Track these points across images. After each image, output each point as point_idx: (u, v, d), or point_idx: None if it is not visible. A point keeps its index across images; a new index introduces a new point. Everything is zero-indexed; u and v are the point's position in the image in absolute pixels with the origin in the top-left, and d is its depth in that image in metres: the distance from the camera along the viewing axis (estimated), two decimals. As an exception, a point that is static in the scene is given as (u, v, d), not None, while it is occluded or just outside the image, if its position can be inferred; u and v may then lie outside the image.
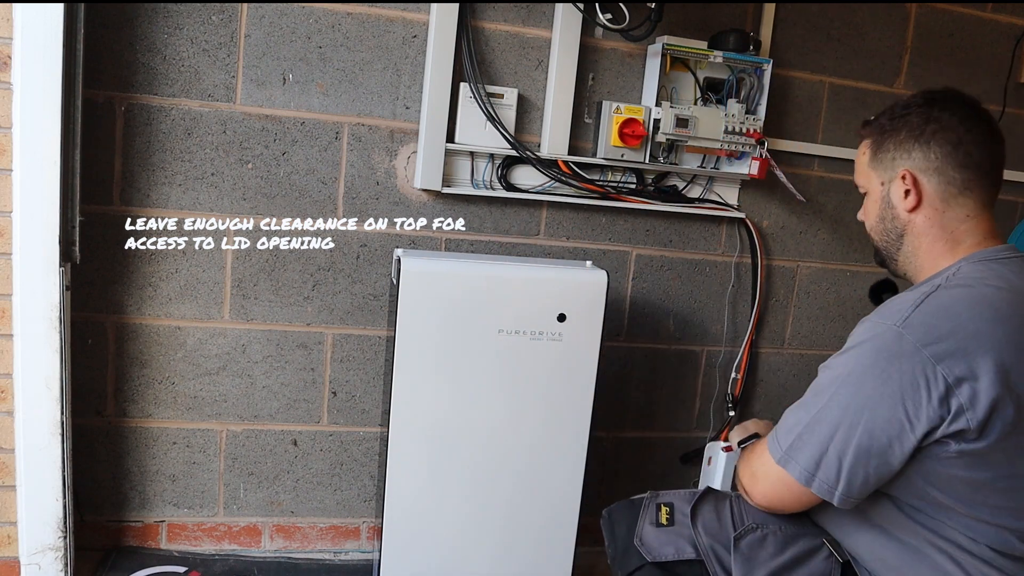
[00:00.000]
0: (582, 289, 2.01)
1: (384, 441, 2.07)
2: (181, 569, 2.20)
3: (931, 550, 1.36)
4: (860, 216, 1.56)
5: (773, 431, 1.42)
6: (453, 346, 1.96)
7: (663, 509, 1.58)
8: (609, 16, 2.17)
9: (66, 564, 2.03)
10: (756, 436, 1.69)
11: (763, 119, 2.33)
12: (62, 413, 1.96)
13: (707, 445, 1.99)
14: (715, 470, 1.88)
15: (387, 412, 2.01)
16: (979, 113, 1.42)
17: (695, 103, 2.31)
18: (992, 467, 1.28)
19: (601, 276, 2.02)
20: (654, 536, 1.55)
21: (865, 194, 1.52)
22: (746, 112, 2.31)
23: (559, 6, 2.24)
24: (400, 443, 1.99)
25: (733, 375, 2.60)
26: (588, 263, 2.13)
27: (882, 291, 1.52)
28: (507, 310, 1.97)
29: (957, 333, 1.25)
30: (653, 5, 2.10)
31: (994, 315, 1.28)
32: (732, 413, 2.60)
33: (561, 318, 1.99)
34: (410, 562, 2.05)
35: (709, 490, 1.62)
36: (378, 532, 2.06)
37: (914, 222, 1.43)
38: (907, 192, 1.41)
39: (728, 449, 1.82)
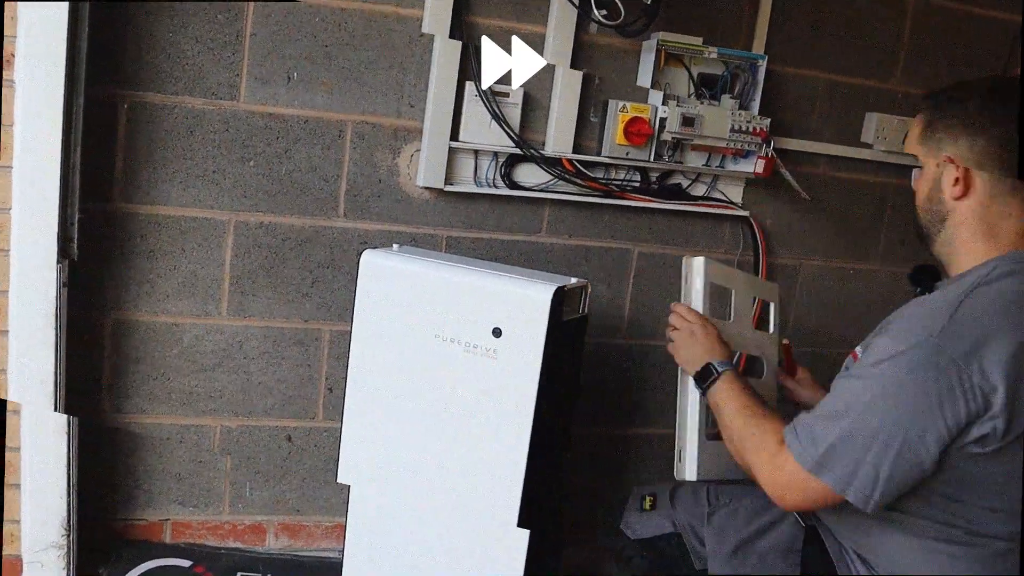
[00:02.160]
0: (521, 305, 1.77)
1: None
2: (186, 563, 2.20)
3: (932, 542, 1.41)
4: (914, 184, 1.53)
5: (793, 432, 1.41)
6: (400, 347, 1.89)
7: (647, 499, 1.74)
8: (604, 12, 2.15)
9: (69, 562, 2.03)
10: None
11: (757, 113, 2.35)
12: (66, 411, 1.96)
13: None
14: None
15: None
16: None
17: (688, 98, 2.32)
18: (1009, 463, 1.32)
19: (545, 293, 1.74)
20: (637, 519, 1.73)
21: (917, 167, 1.51)
22: (740, 108, 2.32)
23: (554, 2, 2.22)
24: (351, 438, 1.96)
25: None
26: (573, 279, 1.86)
27: (922, 275, 1.52)
28: (445, 317, 1.85)
29: (991, 340, 1.28)
30: (648, 1, 2.09)
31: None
32: None
33: (497, 333, 1.79)
34: (374, 563, 2.02)
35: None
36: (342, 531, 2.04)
37: (958, 209, 1.42)
38: (956, 180, 1.40)
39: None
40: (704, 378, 1.65)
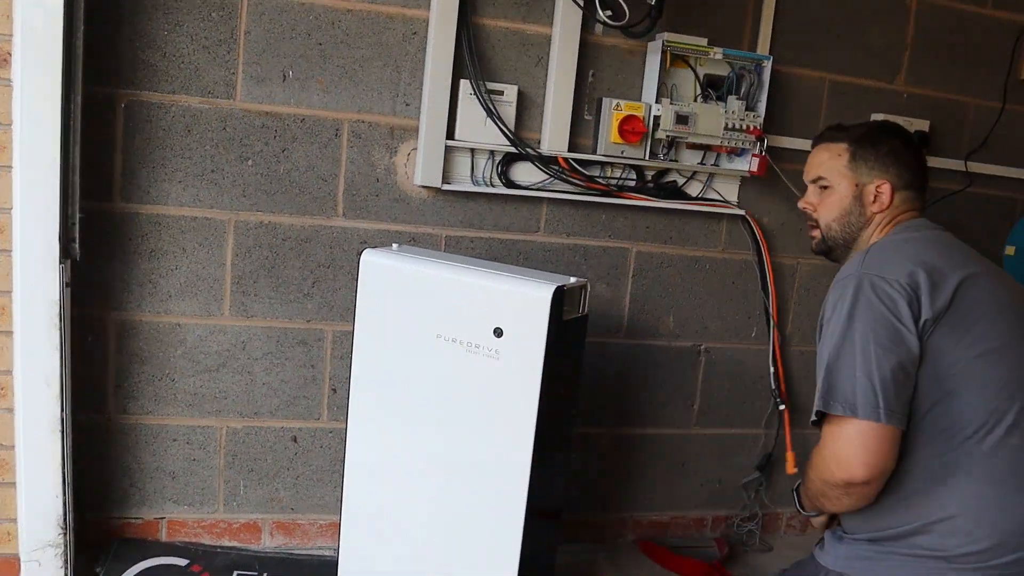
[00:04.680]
0: (521, 305, 1.75)
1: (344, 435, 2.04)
2: (183, 562, 2.20)
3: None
4: (806, 204, 1.93)
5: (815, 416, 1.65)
6: (401, 347, 1.90)
7: None
8: (609, 13, 2.17)
9: (66, 561, 2.03)
10: None
11: (763, 115, 2.34)
12: (62, 410, 1.96)
13: None
14: None
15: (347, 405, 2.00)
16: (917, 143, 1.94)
17: (695, 100, 2.32)
18: (977, 340, 1.59)
19: (545, 293, 1.72)
20: None
21: (824, 188, 1.87)
22: (746, 109, 2.32)
23: (559, 2, 2.23)
24: (356, 437, 1.97)
25: (772, 368, 2.62)
26: (573, 279, 1.82)
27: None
28: (446, 316, 1.84)
29: (898, 259, 1.65)
30: (653, 2, 2.10)
31: (917, 248, 1.69)
32: (782, 407, 2.62)
33: (498, 333, 1.78)
34: (367, 561, 2.02)
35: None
36: (337, 529, 2.04)
37: (875, 218, 1.82)
38: (876, 196, 1.80)
39: None
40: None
